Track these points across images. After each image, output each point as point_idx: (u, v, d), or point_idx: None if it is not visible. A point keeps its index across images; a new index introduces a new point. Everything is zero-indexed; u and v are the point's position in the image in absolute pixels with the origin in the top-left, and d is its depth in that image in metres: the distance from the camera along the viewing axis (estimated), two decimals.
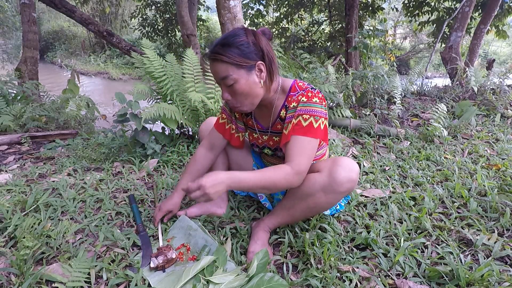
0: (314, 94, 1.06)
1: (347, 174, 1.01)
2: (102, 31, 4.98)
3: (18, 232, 1.16)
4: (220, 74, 1.01)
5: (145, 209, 1.44)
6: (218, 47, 0.99)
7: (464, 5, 4.73)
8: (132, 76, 13.16)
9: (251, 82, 1.02)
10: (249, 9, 9.23)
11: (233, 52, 0.98)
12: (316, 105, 1.04)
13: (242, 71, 1.00)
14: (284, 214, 1.17)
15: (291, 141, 1.04)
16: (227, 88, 1.04)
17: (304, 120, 1.04)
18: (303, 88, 1.09)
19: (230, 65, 0.98)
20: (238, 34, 1.00)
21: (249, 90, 1.03)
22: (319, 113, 1.05)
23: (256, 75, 1.03)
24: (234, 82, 1.00)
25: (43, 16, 17.19)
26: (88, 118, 3.07)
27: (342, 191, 1.03)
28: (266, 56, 1.03)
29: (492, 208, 1.39)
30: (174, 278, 1.00)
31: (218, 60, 0.99)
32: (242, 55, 0.98)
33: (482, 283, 0.96)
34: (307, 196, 1.07)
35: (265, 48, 1.02)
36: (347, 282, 1.01)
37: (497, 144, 2.28)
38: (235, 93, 1.03)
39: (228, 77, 0.99)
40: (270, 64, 1.04)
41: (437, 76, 14.06)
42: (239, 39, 0.99)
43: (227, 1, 2.96)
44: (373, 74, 2.98)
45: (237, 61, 0.98)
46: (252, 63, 1.00)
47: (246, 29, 1.03)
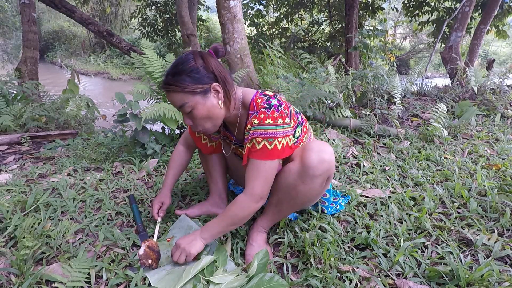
0: (268, 115, 1.00)
1: (318, 156, 1.00)
2: (102, 31, 4.98)
3: (18, 232, 1.16)
4: (176, 104, 1.01)
5: (145, 209, 1.44)
6: (169, 77, 0.99)
7: (464, 5, 4.73)
8: (132, 76, 13.16)
9: (208, 106, 1.01)
10: (249, 9, 9.23)
11: (184, 81, 0.97)
12: (269, 127, 1.00)
13: (197, 97, 0.99)
14: (273, 211, 1.17)
15: (248, 164, 1.05)
16: (187, 115, 1.04)
17: (258, 143, 1.01)
18: (258, 107, 1.03)
19: (184, 94, 0.98)
20: (186, 60, 0.99)
21: (208, 113, 1.02)
22: (273, 134, 1.00)
23: (214, 96, 1.02)
24: (192, 109, 1.00)
25: (43, 16, 17.19)
26: (88, 118, 3.07)
27: (318, 174, 1.02)
28: (219, 77, 1.01)
29: (492, 208, 1.39)
30: (174, 278, 1.00)
31: (171, 90, 0.99)
32: (194, 82, 0.98)
33: (482, 283, 0.96)
34: (287, 187, 1.07)
35: (216, 69, 1.01)
36: (347, 282, 1.01)
37: (497, 144, 2.28)
38: (195, 118, 1.03)
39: (185, 105, 1.00)
40: (224, 83, 1.03)
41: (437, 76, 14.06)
42: (188, 65, 0.98)
43: (227, 1, 2.96)
44: (373, 74, 2.98)
45: (189, 88, 0.97)
46: (205, 87, 0.99)
47: (194, 53, 1.01)
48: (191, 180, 1.72)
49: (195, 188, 1.62)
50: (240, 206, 1.03)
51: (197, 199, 1.53)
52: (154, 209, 1.28)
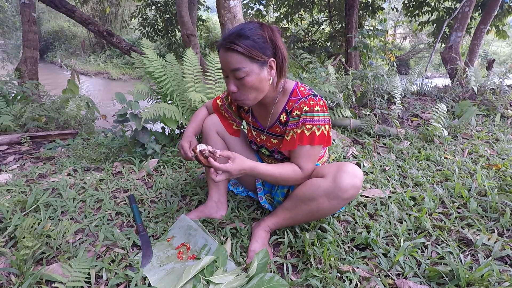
0: (316, 103, 1.06)
1: (352, 180, 1.02)
2: (102, 31, 4.98)
3: (18, 232, 1.16)
4: (232, 65, 0.98)
5: (145, 209, 1.44)
6: (234, 36, 0.96)
7: (464, 5, 4.73)
8: (132, 76, 13.17)
9: (261, 78, 1.01)
10: (249, 9, 9.23)
11: (249, 44, 0.95)
12: (318, 114, 1.06)
13: (255, 65, 0.98)
14: (285, 215, 1.17)
15: (299, 149, 1.09)
16: (235, 80, 1.01)
17: (307, 130, 1.07)
18: (305, 94, 1.08)
19: (244, 57, 0.96)
20: (255, 27, 0.98)
21: (258, 85, 1.02)
22: (321, 121, 1.07)
23: (267, 71, 1.02)
24: (246, 75, 0.98)
25: (43, 16, 17.19)
26: (88, 118, 3.07)
27: (346, 197, 1.04)
28: (280, 54, 1.02)
29: (492, 208, 1.39)
30: (174, 278, 1.00)
31: (232, 50, 0.96)
32: (258, 49, 0.97)
33: (482, 283, 0.96)
34: (310, 200, 1.08)
35: (280, 45, 1.01)
36: (347, 282, 1.01)
37: (497, 144, 2.28)
38: (243, 86, 1.01)
39: (241, 70, 0.97)
40: (282, 62, 1.04)
41: (437, 76, 14.06)
42: (256, 32, 0.97)
43: (227, 1, 2.96)
44: (373, 74, 2.98)
45: (252, 54, 0.96)
46: (266, 59, 0.99)
47: (262, 24, 1.01)
48: (191, 180, 1.72)
49: (195, 188, 1.62)
50: (294, 173, 1.10)
51: (197, 199, 1.53)
52: (185, 148, 1.20)
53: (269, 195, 1.41)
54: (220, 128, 1.34)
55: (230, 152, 1.01)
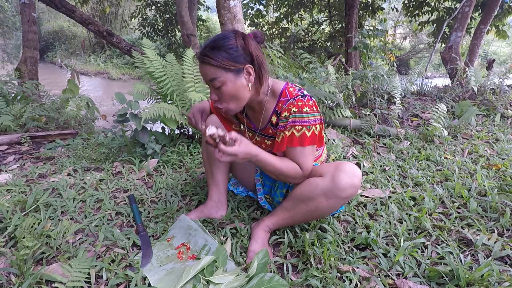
0: (304, 103, 1.06)
1: (350, 179, 1.02)
2: (102, 31, 4.98)
3: (18, 232, 1.16)
4: (208, 76, 1.02)
5: (145, 209, 1.44)
6: (207, 49, 1.00)
7: (464, 5, 4.73)
8: (132, 76, 13.18)
9: (238, 85, 1.03)
10: (249, 9, 9.23)
11: (221, 56, 0.99)
12: (307, 114, 1.06)
13: (229, 74, 1.01)
14: (284, 215, 1.17)
15: (289, 151, 1.10)
16: (214, 90, 1.05)
17: (297, 131, 1.07)
18: (293, 95, 1.09)
19: (218, 68, 1.00)
20: (227, 37, 1.01)
21: (236, 93, 1.04)
22: (311, 121, 1.07)
23: (245, 78, 1.04)
24: (222, 85, 1.02)
25: (43, 16, 17.20)
26: (88, 118, 3.07)
27: (344, 197, 1.04)
28: (255, 60, 1.04)
29: (492, 208, 1.39)
30: (174, 278, 1.00)
31: (206, 62, 1.00)
32: (230, 59, 0.99)
33: (482, 283, 0.96)
34: (308, 199, 1.08)
35: (254, 52, 1.03)
36: (347, 282, 1.01)
37: (497, 144, 2.28)
38: (222, 95, 1.05)
39: (216, 79, 1.01)
40: (260, 68, 1.05)
41: (437, 76, 14.07)
42: (228, 43, 1.00)
43: (227, 1, 2.96)
44: (373, 74, 2.98)
45: (225, 64, 0.99)
46: (240, 67, 1.01)
47: (236, 32, 1.03)
48: (191, 180, 1.72)
49: (195, 188, 1.62)
50: (295, 169, 1.10)
51: (197, 199, 1.53)
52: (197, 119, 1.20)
53: (268, 196, 1.41)
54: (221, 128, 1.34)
55: (238, 134, 1.01)
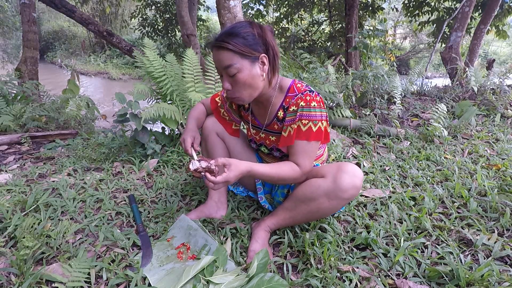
0: (312, 98, 1.06)
1: (352, 180, 1.02)
2: (102, 31, 4.98)
3: (18, 232, 1.16)
4: (224, 63, 1.01)
5: (145, 209, 1.44)
6: (224, 35, 1.00)
7: (464, 5, 4.73)
8: (132, 76, 13.17)
9: (253, 74, 1.03)
10: (249, 9, 9.22)
11: (238, 41, 0.98)
12: (314, 109, 1.06)
13: (246, 62, 1.00)
14: (285, 216, 1.17)
15: (296, 145, 1.09)
16: (229, 78, 1.04)
17: (304, 125, 1.07)
18: (301, 90, 1.09)
19: (234, 54, 0.99)
20: (244, 25, 1.01)
21: (250, 81, 1.03)
22: (318, 116, 1.07)
23: (259, 67, 1.04)
24: (237, 72, 1.01)
25: (43, 16, 17.20)
26: (88, 118, 3.07)
27: (346, 197, 1.04)
28: (271, 50, 1.04)
29: (492, 208, 1.39)
30: (174, 278, 1.00)
31: (223, 48, 0.99)
32: (248, 45, 0.99)
33: (482, 283, 0.96)
34: (309, 200, 1.08)
35: (271, 42, 1.03)
36: (347, 282, 1.01)
37: (497, 144, 2.28)
38: (236, 83, 1.03)
39: (232, 66, 1.00)
40: (274, 58, 1.06)
41: (437, 76, 14.07)
42: (245, 30, 1.00)
43: (227, 1, 2.96)
44: (373, 74, 2.98)
45: (242, 50, 0.98)
46: (256, 55, 1.01)
47: (252, 22, 1.03)
48: (191, 180, 1.72)
49: (195, 188, 1.62)
50: (292, 171, 1.08)
51: (197, 199, 1.53)
52: (187, 144, 1.19)
53: (269, 195, 1.41)
54: (220, 130, 1.35)
55: (225, 159, 1.00)
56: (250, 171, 1.03)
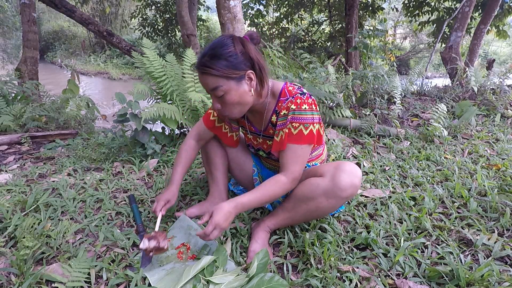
0: (304, 101, 1.05)
1: (350, 179, 1.02)
2: (102, 31, 4.98)
3: (18, 232, 1.16)
4: (209, 86, 1.00)
5: (145, 209, 1.44)
6: (206, 59, 0.98)
7: (464, 5, 4.73)
8: (132, 76, 13.17)
9: (241, 92, 1.02)
10: (249, 9, 9.22)
11: (221, 64, 0.96)
12: (305, 112, 1.05)
13: (231, 82, 0.99)
14: (285, 215, 1.17)
15: (288, 149, 1.08)
16: (217, 99, 1.04)
17: (294, 128, 1.06)
18: (292, 93, 1.08)
19: (219, 77, 0.98)
20: (226, 44, 0.98)
21: (239, 100, 1.03)
22: (309, 119, 1.05)
23: (246, 83, 1.03)
24: (224, 93, 1.00)
25: (43, 16, 17.20)
26: (88, 118, 3.07)
27: (345, 196, 1.04)
28: (256, 65, 1.02)
29: (492, 208, 1.39)
30: (174, 278, 1.00)
31: (206, 73, 0.98)
32: (231, 67, 0.97)
33: (482, 283, 0.96)
34: (308, 199, 1.08)
35: (255, 56, 1.01)
36: (347, 282, 1.01)
37: (497, 144, 2.28)
38: (225, 103, 1.03)
39: (218, 89, 0.99)
40: (260, 71, 1.04)
41: (437, 76, 14.06)
42: (227, 50, 0.97)
43: (227, 1, 2.96)
44: (373, 74, 2.98)
45: (226, 73, 0.97)
46: (241, 73, 1.00)
47: (234, 38, 1.01)
48: (191, 180, 1.72)
49: (195, 188, 1.62)
50: (279, 185, 1.05)
51: (197, 199, 1.53)
52: (158, 205, 1.21)
53: None
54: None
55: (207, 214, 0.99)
56: (237, 206, 1.00)
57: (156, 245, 1.01)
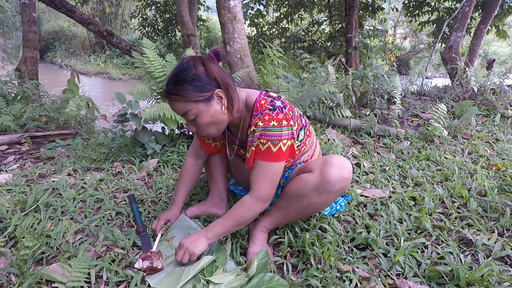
0: (272, 117, 1.00)
1: (339, 173, 1.00)
2: (102, 31, 4.98)
3: (18, 232, 1.16)
4: (179, 112, 1.00)
5: (145, 209, 1.44)
6: (170, 86, 0.98)
7: (464, 5, 4.73)
8: (132, 76, 13.18)
9: (212, 112, 1.01)
10: (249, 9, 9.23)
11: (187, 90, 0.96)
12: (274, 129, 1.00)
13: (200, 104, 0.99)
14: (279, 214, 1.17)
15: (253, 166, 1.06)
16: (190, 122, 1.03)
17: (262, 144, 1.02)
18: (262, 108, 1.03)
19: (187, 102, 0.98)
20: (187, 68, 0.97)
21: (211, 120, 1.02)
22: (277, 136, 1.01)
23: (217, 103, 1.01)
24: (196, 116, 1.00)
25: (43, 16, 17.20)
26: (88, 118, 3.07)
27: (335, 190, 1.03)
28: (221, 84, 1.01)
29: (492, 208, 1.39)
30: (174, 278, 1.00)
31: (173, 100, 0.99)
32: (197, 90, 0.97)
33: (482, 283, 0.96)
34: (300, 196, 1.07)
35: (218, 75, 1.00)
36: (347, 282, 1.01)
37: (497, 144, 2.28)
38: (198, 125, 1.03)
39: (188, 113, 0.99)
40: (227, 89, 1.02)
41: (437, 76, 14.06)
42: (190, 74, 0.96)
43: (227, 1, 2.96)
44: (373, 74, 2.98)
45: (192, 97, 0.97)
46: (209, 94, 0.99)
47: (194, 60, 0.99)
48: None
49: (195, 188, 1.62)
50: (246, 208, 1.04)
51: (197, 199, 1.53)
52: (158, 224, 1.24)
53: None
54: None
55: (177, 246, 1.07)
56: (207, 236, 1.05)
57: (150, 265, 1.03)
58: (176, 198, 1.32)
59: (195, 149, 1.34)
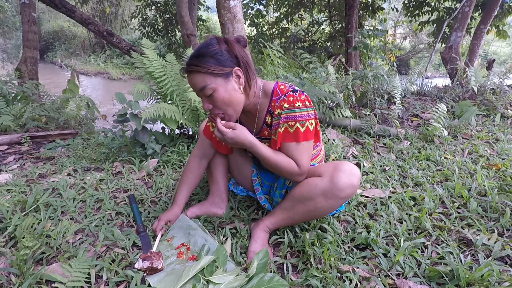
0: (296, 98, 1.05)
1: (349, 179, 1.02)
2: (102, 31, 4.98)
3: (18, 232, 1.16)
4: (198, 85, 1.01)
5: (145, 209, 1.44)
6: (193, 59, 1.01)
7: (464, 5, 4.73)
8: (132, 76, 13.18)
9: (230, 89, 1.02)
10: (249, 9, 9.23)
11: (208, 62, 0.99)
12: (299, 109, 1.05)
13: (219, 80, 1.00)
14: (284, 215, 1.17)
15: (284, 147, 1.08)
16: (207, 98, 1.04)
17: (291, 127, 1.06)
18: (284, 92, 1.08)
19: (206, 75, 0.99)
20: (210, 44, 1.01)
21: (229, 97, 1.03)
22: (304, 116, 1.05)
23: (235, 81, 1.03)
24: (213, 91, 1.01)
25: (43, 16, 17.20)
26: (88, 118, 3.07)
27: (343, 196, 1.04)
28: (241, 62, 1.03)
29: (492, 208, 1.39)
30: (174, 278, 1.00)
31: (194, 71, 1.00)
32: (217, 64, 0.99)
33: (482, 283, 0.96)
34: (307, 199, 1.08)
35: (239, 54, 1.03)
36: (347, 282, 1.01)
37: (497, 144, 2.28)
38: (215, 102, 1.04)
39: (206, 87, 1.00)
40: (247, 69, 1.05)
41: (437, 76, 14.07)
42: (212, 48, 1.00)
43: (227, 1, 2.96)
44: (373, 74, 2.98)
45: (212, 70, 0.99)
46: (228, 70, 1.01)
47: (218, 38, 1.03)
48: None
49: (195, 188, 1.62)
50: (290, 169, 1.08)
51: (197, 199, 1.53)
52: (158, 224, 1.24)
53: (268, 196, 1.41)
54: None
55: (234, 124, 1.05)
56: (252, 146, 1.06)
57: (150, 265, 1.03)
58: (178, 198, 1.32)
59: (203, 149, 1.33)
